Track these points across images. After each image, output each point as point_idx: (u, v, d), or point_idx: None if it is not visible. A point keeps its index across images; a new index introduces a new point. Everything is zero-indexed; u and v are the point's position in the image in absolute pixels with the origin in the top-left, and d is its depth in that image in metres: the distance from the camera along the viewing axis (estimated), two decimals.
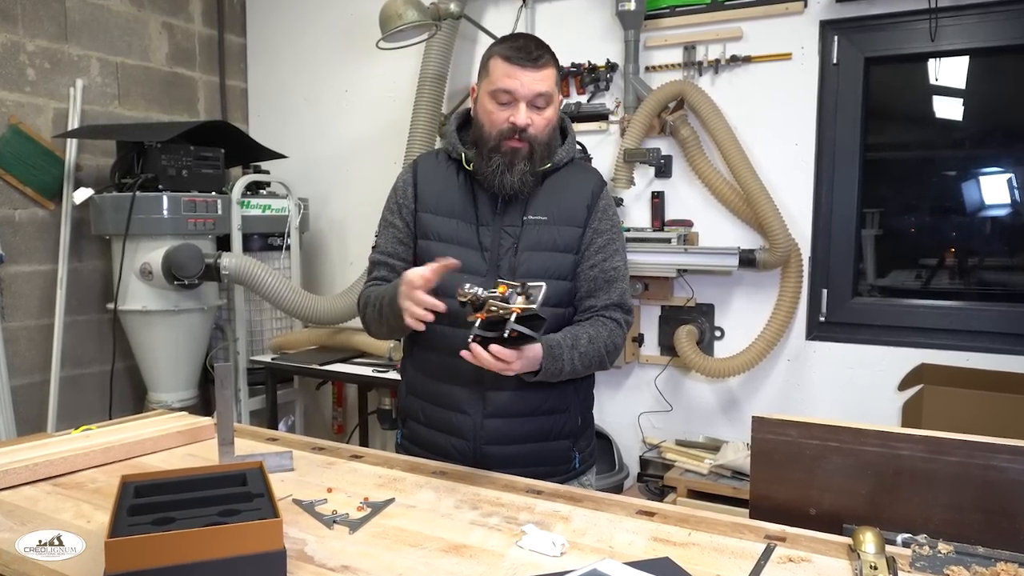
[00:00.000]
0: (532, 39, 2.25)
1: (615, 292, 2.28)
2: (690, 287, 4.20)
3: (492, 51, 2.24)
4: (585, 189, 2.33)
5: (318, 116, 5.44)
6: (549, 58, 2.22)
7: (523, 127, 2.17)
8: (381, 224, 2.40)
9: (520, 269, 2.19)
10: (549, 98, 2.21)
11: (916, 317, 3.86)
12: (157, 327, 4.43)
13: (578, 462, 2.38)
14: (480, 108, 2.25)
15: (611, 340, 2.23)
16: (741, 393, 4.19)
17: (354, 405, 5.15)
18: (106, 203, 4.34)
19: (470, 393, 2.23)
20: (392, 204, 2.37)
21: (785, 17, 3.93)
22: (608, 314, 2.26)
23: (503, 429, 2.24)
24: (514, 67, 2.16)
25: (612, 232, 2.33)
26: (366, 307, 2.29)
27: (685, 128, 4.08)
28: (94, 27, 4.73)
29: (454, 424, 2.26)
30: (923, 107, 3.97)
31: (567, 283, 2.27)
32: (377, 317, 2.22)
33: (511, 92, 2.16)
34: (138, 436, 2.32)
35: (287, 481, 2.04)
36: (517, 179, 2.19)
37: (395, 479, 2.07)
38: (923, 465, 1.72)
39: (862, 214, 3.97)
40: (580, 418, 2.39)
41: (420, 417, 2.35)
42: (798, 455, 1.83)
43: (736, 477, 3.83)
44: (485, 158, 2.22)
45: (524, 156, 2.20)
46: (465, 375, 2.20)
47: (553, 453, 2.32)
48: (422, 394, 2.35)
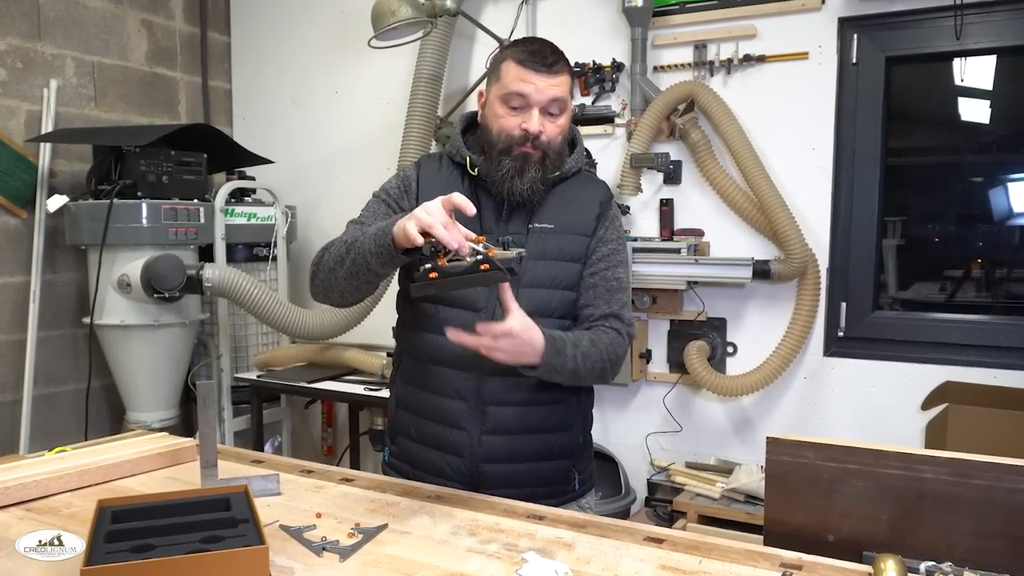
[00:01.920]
0: (547, 44, 2.25)
1: (615, 303, 2.29)
2: (701, 300, 4.21)
3: (504, 54, 2.25)
4: (593, 200, 2.35)
5: (306, 119, 5.45)
6: (564, 65, 2.23)
7: (536, 134, 2.18)
8: (371, 201, 2.35)
9: (525, 278, 2.20)
10: (564, 105, 2.22)
11: (940, 332, 3.87)
12: (136, 343, 4.43)
13: (577, 483, 2.38)
14: (489, 112, 2.26)
15: (612, 349, 2.22)
16: (755, 413, 4.20)
17: (344, 425, 5.14)
18: (82, 211, 4.35)
19: (469, 408, 2.23)
20: (391, 188, 2.35)
21: (801, 14, 3.94)
22: (607, 324, 2.26)
23: (502, 447, 2.24)
24: (528, 71, 2.17)
25: (617, 243, 2.35)
26: (330, 247, 2.18)
27: (695, 132, 4.09)
28: (69, 24, 4.75)
29: (449, 440, 2.25)
30: (948, 109, 3.98)
31: (573, 294, 2.28)
32: (344, 251, 2.09)
33: (525, 96, 2.17)
34: (116, 458, 2.32)
35: (273, 506, 2.04)
36: (527, 186, 2.20)
37: (388, 504, 2.07)
38: (948, 489, 1.72)
39: (883, 223, 3.98)
40: (581, 437, 2.39)
41: (411, 433, 2.34)
42: (815, 478, 1.83)
43: (750, 501, 3.83)
44: (494, 161, 2.22)
45: (536, 162, 2.21)
46: (463, 387, 2.21)
47: (552, 473, 2.32)
48: (414, 408, 2.34)
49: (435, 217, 1.80)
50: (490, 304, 2.17)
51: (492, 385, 2.21)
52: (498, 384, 2.21)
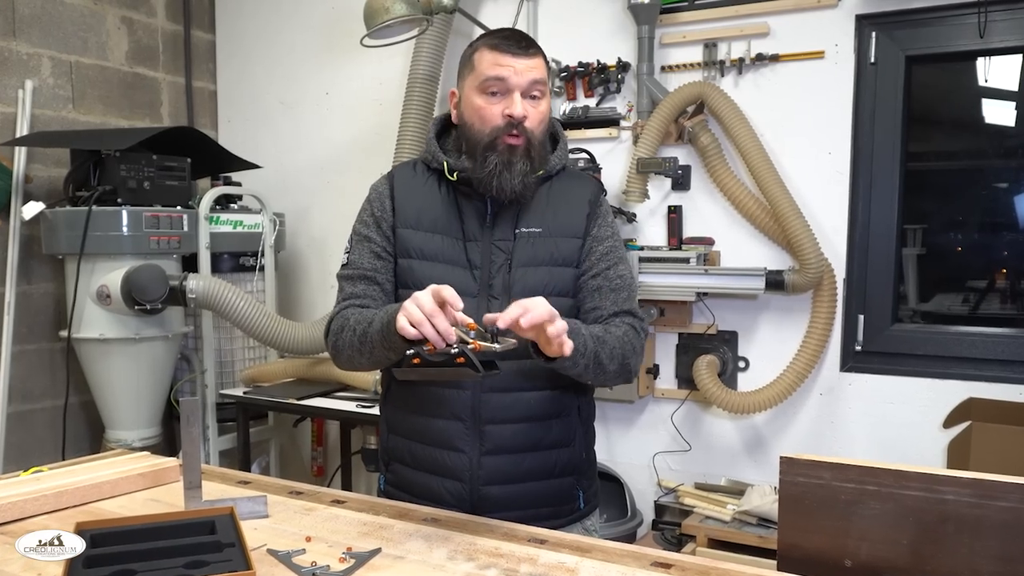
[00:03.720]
0: (518, 31, 2.30)
1: (622, 301, 2.29)
2: (711, 312, 4.21)
3: (475, 45, 2.27)
4: (582, 197, 2.35)
5: (296, 122, 5.47)
6: (539, 49, 2.25)
7: (521, 119, 2.18)
8: (352, 240, 2.38)
9: (516, 287, 2.20)
10: (543, 88, 2.23)
11: (963, 346, 3.87)
12: (116, 357, 4.43)
13: (582, 501, 2.38)
14: (467, 107, 2.27)
15: (627, 339, 2.21)
16: (768, 431, 4.20)
17: (336, 444, 5.15)
18: (59, 219, 4.35)
19: (465, 427, 2.23)
20: (366, 217, 2.37)
21: (817, 11, 3.96)
22: (618, 320, 2.27)
23: (503, 467, 2.24)
24: (504, 55, 2.19)
25: (613, 240, 2.36)
26: (342, 331, 2.23)
27: (705, 135, 4.10)
28: (45, 22, 4.76)
29: (447, 464, 2.25)
30: (971, 111, 3.99)
31: (568, 300, 2.28)
32: (358, 342, 2.16)
33: (504, 80, 2.18)
34: (95, 479, 2.32)
35: (261, 529, 2.04)
36: (519, 180, 2.20)
37: (381, 527, 2.07)
38: (971, 511, 1.72)
39: (903, 231, 3.99)
40: (584, 452, 2.40)
41: (406, 458, 2.34)
42: (831, 500, 1.84)
43: (762, 525, 3.83)
44: (479, 159, 2.22)
45: (522, 154, 2.21)
46: (458, 407, 2.21)
47: (557, 492, 2.32)
48: (407, 432, 2.34)
49: (424, 310, 1.84)
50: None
51: (489, 402, 2.21)
52: (496, 400, 2.21)
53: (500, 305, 2.12)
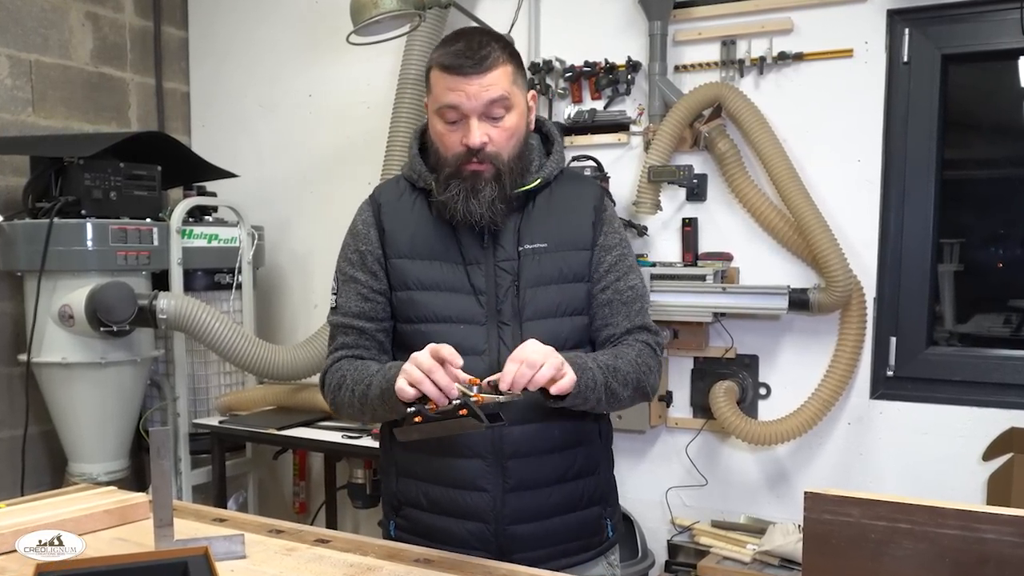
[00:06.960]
0: (475, 34, 2.24)
1: (635, 314, 2.31)
2: (729, 335, 4.22)
3: (431, 60, 2.25)
4: (586, 204, 2.36)
5: (276, 126, 5.48)
6: (499, 54, 2.19)
7: (479, 147, 2.17)
8: (338, 279, 2.39)
9: (527, 310, 2.21)
10: (506, 103, 2.19)
11: (1005, 371, 3.86)
12: (79, 383, 4.43)
13: (611, 530, 2.42)
14: (431, 130, 2.27)
15: (641, 360, 2.24)
16: (791, 464, 4.20)
17: (320, 478, 5.15)
18: (17, 232, 4.36)
19: (486, 465, 2.23)
20: (351, 254, 2.37)
21: (845, 6, 3.97)
22: (632, 338, 2.29)
23: (529, 503, 2.25)
24: (455, 77, 2.15)
25: (622, 247, 2.37)
26: (340, 388, 2.27)
27: (723, 141, 4.11)
28: (3, 18, 4.77)
29: (468, 505, 2.26)
30: (1013, 115, 4.01)
31: (584, 318, 2.31)
32: (359, 403, 2.21)
33: (457, 107, 2.16)
34: (57, 516, 2.32)
35: (238, 571, 2.05)
36: (486, 207, 2.19)
37: (369, 568, 2.08)
38: (1012, 551, 1.73)
39: (939, 245, 3.99)
40: (608, 478, 2.44)
41: (421, 502, 2.33)
42: (861, 539, 1.84)
43: (785, 566, 3.83)
44: (442, 185, 2.22)
45: (488, 179, 2.19)
46: (478, 443, 2.22)
47: (586, 524, 2.35)
48: (421, 474, 2.34)
49: (424, 369, 1.90)
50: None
51: (511, 436, 2.22)
52: (518, 433, 2.22)
53: (511, 331, 2.16)
